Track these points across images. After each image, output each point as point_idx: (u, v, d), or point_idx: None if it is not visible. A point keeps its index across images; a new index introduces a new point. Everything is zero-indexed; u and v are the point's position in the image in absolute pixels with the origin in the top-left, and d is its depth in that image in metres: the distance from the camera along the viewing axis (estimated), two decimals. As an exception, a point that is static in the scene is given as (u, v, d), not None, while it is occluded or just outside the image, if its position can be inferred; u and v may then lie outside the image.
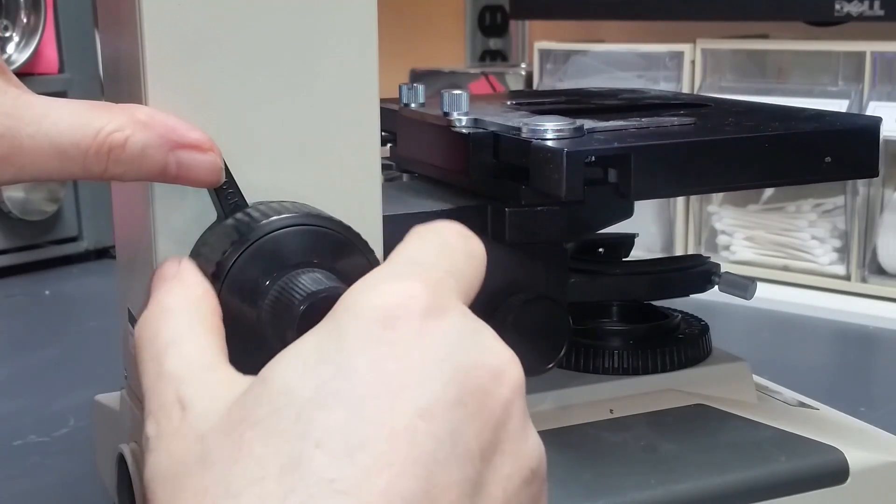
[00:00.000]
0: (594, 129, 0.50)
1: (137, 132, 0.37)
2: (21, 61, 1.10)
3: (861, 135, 0.51)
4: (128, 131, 0.37)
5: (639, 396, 0.53)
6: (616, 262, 0.60)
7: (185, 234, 0.43)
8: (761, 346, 0.91)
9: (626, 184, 0.46)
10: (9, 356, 0.88)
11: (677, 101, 0.64)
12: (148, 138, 0.37)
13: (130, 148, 0.37)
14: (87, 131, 0.36)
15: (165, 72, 0.42)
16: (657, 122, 0.52)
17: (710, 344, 0.57)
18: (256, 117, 0.44)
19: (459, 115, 0.53)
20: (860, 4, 1.02)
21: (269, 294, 0.39)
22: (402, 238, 0.31)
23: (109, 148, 0.37)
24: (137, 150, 0.37)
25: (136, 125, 0.37)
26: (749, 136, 0.49)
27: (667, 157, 0.47)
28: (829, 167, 0.50)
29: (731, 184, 0.51)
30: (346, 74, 0.45)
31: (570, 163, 0.45)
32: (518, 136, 0.49)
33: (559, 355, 0.52)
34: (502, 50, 1.60)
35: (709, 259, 0.58)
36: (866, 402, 0.75)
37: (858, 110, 1.01)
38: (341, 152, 0.45)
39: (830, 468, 0.49)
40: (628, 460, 0.48)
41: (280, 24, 0.43)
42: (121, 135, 0.37)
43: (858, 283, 1.03)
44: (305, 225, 0.41)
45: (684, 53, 1.12)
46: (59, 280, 1.12)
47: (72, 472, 0.65)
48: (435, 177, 0.56)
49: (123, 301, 0.52)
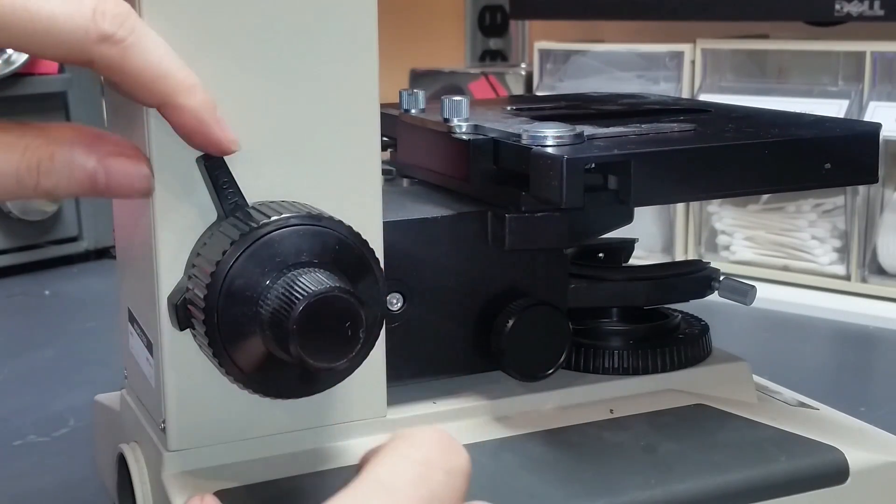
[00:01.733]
0: (594, 136, 0.50)
1: (64, 146, 0.39)
2: (21, 61, 1.10)
3: (860, 141, 0.51)
4: (53, 146, 0.38)
5: (639, 396, 0.53)
6: (616, 267, 0.60)
7: (185, 234, 0.43)
8: (761, 346, 0.91)
9: (626, 190, 0.46)
10: (9, 356, 0.88)
11: (677, 107, 0.64)
12: (75, 150, 0.39)
13: (58, 160, 0.38)
14: (16, 147, 0.38)
15: (165, 72, 0.42)
16: (657, 128, 0.52)
17: (710, 344, 0.58)
18: (256, 118, 0.44)
19: (460, 121, 0.53)
20: (860, 4, 1.02)
21: (270, 294, 0.39)
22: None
23: (38, 160, 0.38)
24: (65, 162, 0.38)
25: (62, 140, 0.39)
26: (749, 143, 0.49)
27: (666, 163, 0.47)
28: (829, 173, 0.50)
29: (730, 190, 0.51)
30: (347, 74, 0.45)
31: (569, 170, 0.45)
32: (518, 143, 0.49)
33: (559, 361, 0.52)
34: (502, 50, 1.60)
35: (708, 264, 0.58)
36: (866, 402, 0.75)
37: (858, 110, 1.01)
38: (341, 152, 0.45)
39: (830, 468, 0.49)
40: (628, 460, 0.48)
41: (280, 24, 0.43)
42: (47, 150, 0.38)
43: (858, 283, 1.03)
44: (305, 225, 0.41)
45: (684, 53, 1.12)
46: (59, 280, 1.12)
47: (72, 472, 0.65)
48: (435, 182, 0.56)
49: (123, 301, 0.52)
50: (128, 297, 0.51)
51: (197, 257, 0.42)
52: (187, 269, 0.43)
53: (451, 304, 0.51)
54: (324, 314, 0.38)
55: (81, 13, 0.37)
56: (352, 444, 0.47)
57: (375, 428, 0.48)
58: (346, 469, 0.45)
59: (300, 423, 0.47)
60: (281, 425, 0.46)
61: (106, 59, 0.38)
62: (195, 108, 0.39)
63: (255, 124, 0.44)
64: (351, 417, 0.48)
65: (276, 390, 0.42)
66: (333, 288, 0.38)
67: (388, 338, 0.48)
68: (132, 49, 0.38)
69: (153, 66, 0.38)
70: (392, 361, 0.48)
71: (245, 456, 0.46)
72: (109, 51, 0.37)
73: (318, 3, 0.44)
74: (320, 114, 0.45)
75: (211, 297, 0.40)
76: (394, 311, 0.50)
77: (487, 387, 0.52)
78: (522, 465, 0.47)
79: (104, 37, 0.37)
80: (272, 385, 0.42)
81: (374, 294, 0.42)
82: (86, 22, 0.37)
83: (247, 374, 0.41)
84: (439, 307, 0.51)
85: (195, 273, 0.41)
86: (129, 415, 0.52)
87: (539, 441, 0.49)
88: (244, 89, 0.43)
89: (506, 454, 0.48)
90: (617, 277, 0.56)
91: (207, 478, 0.45)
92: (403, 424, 0.49)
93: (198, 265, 0.41)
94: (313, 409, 0.47)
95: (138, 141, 0.43)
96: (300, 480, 0.45)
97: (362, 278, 0.41)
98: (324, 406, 0.47)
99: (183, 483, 0.44)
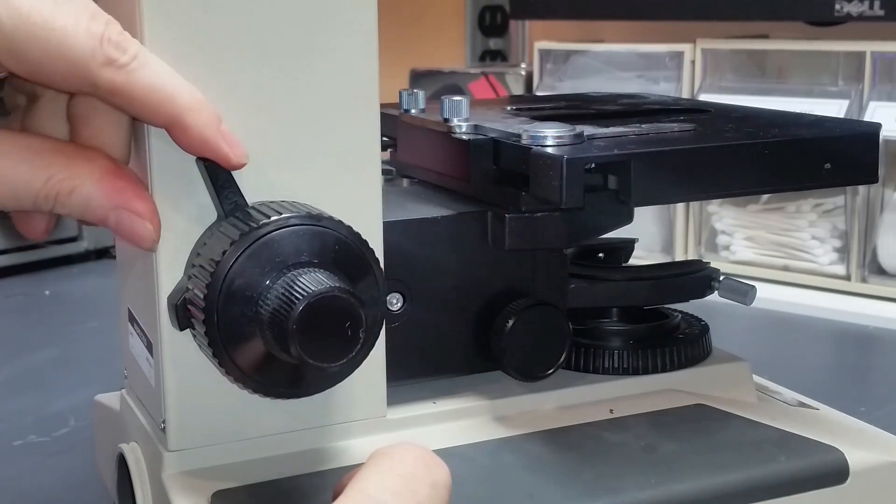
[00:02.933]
0: (594, 136, 0.50)
1: (86, 185, 0.40)
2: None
3: (860, 141, 0.51)
4: (76, 182, 0.40)
5: (639, 396, 0.53)
6: (616, 267, 0.60)
7: (185, 234, 0.43)
8: (761, 346, 0.91)
9: (626, 190, 0.46)
10: (9, 356, 0.88)
11: (677, 107, 0.64)
12: (94, 193, 0.40)
13: (76, 197, 0.40)
14: (40, 175, 0.39)
15: (165, 72, 0.42)
16: (657, 128, 0.52)
17: (710, 344, 0.58)
18: (255, 118, 0.44)
19: (460, 121, 0.53)
20: (860, 4, 1.02)
21: (270, 294, 0.39)
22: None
23: (57, 193, 0.40)
24: (82, 201, 0.40)
25: (87, 178, 0.40)
26: (748, 143, 0.49)
27: (666, 163, 0.47)
28: (829, 174, 0.50)
29: (730, 190, 0.52)
30: (347, 74, 0.45)
31: (569, 170, 0.45)
32: (518, 143, 0.49)
33: (559, 362, 0.52)
34: (502, 50, 1.60)
35: (708, 264, 0.58)
36: (866, 402, 0.75)
37: (858, 110, 1.01)
38: (341, 152, 0.45)
39: (830, 468, 0.49)
40: (628, 460, 0.48)
41: (280, 24, 0.43)
42: (69, 184, 0.40)
43: (858, 283, 1.03)
44: (305, 225, 0.41)
45: (684, 53, 1.12)
46: (59, 280, 1.12)
47: (72, 472, 0.65)
48: (435, 182, 0.56)
49: (123, 301, 0.52)
50: (128, 297, 0.51)
51: (197, 257, 0.42)
52: (187, 269, 0.43)
53: (451, 304, 0.51)
54: (324, 314, 0.38)
55: (90, 35, 0.37)
56: (352, 444, 0.47)
57: (375, 428, 0.48)
58: (346, 469, 0.45)
59: (300, 423, 0.47)
60: (281, 425, 0.46)
61: (110, 83, 0.38)
62: (200, 127, 0.40)
63: (254, 124, 0.44)
64: (351, 417, 0.48)
65: (276, 390, 0.42)
66: (333, 288, 0.38)
67: (388, 338, 0.48)
68: (136, 73, 0.38)
69: (157, 89, 0.39)
70: (392, 361, 0.48)
71: (245, 456, 0.46)
72: (114, 75, 0.38)
73: (319, 3, 0.44)
74: (320, 114, 0.45)
75: (211, 297, 0.40)
76: (394, 311, 0.50)
77: (487, 387, 0.52)
78: (522, 465, 0.47)
79: (109, 61, 0.38)
80: (272, 385, 0.42)
81: (374, 294, 0.42)
82: (92, 46, 0.37)
83: (247, 374, 0.41)
84: (439, 307, 0.51)
85: (195, 273, 0.41)
86: (129, 415, 0.52)
87: (539, 441, 0.49)
88: (244, 89, 0.43)
89: (506, 454, 0.48)
90: (617, 278, 0.56)
91: (207, 478, 0.45)
92: (403, 424, 0.49)
93: (198, 265, 0.41)
94: (313, 409, 0.47)
95: (138, 140, 0.43)
96: (300, 480, 0.45)
97: (362, 278, 0.41)
98: (324, 406, 0.47)
99: (183, 483, 0.44)
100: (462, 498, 0.44)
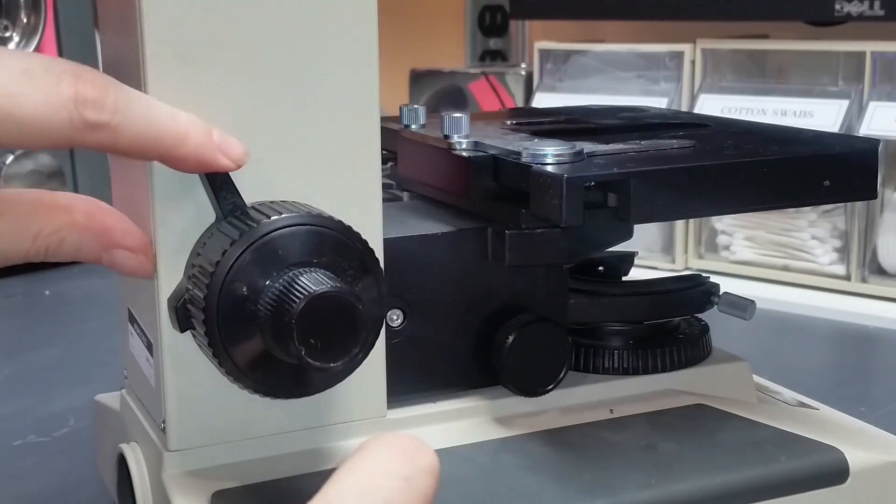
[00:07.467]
0: (594, 153, 0.50)
1: (73, 234, 0.40)
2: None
3: (860, 158, 0.51)
4: (63, 233, 0.40)
5: (639, 396, 0.54)
6: (616, 282, 0.60)
7: (185, 234, 0.43)
8: (761, 346, 0.91)
9: (626, 208, 0.46)
10: (9, 356, 0.88)
11: (677, 121, 0.64)
12: (81, 240, 0.41)
13: (66, 247, 0.40)
14: (27, 235, 0.40)
15: (165, 73, 0.42)
16: (656, 144, 0.52)
17: (710, 344, 0.58)
18: (255, 118, 0.44)
19: (460, 137, 0.53)
20: (860, 4, 1.02)
21: (269, 293, 0.39)
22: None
23: (47, 247, 0.40)
24: (72, 249, 0.41)
25: (73, 227, 0.40)
26: (748, 161, 0.49)
27: (666, 181, 0.47)
28: (828, 191, 0.50)
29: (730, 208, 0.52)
30: (347, 74, 0.45)
31: (569, 189, 0.45)
32: (518, 161, 0.49)
33: (559, 377, 0.52)
34: (502, 50, 1.60)
35: (708, 279, 0.58)
36: (866, 402, 0.75)
37: (858, 110, 1.01)
38: (341, 152, 0.45)
39: (830, 468, 0.49)
40: (628, 460, 0.48)
41: (280, 24, 0.43)
42: (56, 237, 0.40)
43: (858, 283, 1.03)
44: (305, 224, 0.41)
45: (684, 53, 1.12)
46: (59, 280, 1.12)
47: (72, 472, 0.65)
48: (435, 198, 0.56)
49: (123, 301, 0.52)
50: (128, 297, 0.51)
51: (197, 257, 0.42)
52: (187, 270, 0.43)
53: (452, 319, 0.51)
54: (324, 313, 0.38)
55: (63, 104, 0.36)
56: (352, 444, 0.47)
57: (375, 428, 0.48)
58: (346, 469, 0.45)
59: (300, 423, 0.47)
60: (281, 425, 0.46)
61: (95, 143, 0.37)
62: (194, 153, 0.40)
63: (254, 124, 0.44)
64: (351, 417, 0.48)
65: (276, 390, 0.42)
66: (333, 287, 0.38)
67: (389, 354, 0.48)
68: (119, 129, 0.37)
69: (143, 135, 0.38)
70: (392, 378, 0.48)
71: (245, 456, 0.46)
72: (97, 136, 0.37)
73: (319, 4, 0.44)
74: (320, 113, 0.45)
75: (211, 296, 0.40)
76: (394, 327, 0.50)
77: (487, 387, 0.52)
78: (522, 465, 0.47)
79: (89, 126, 0.37)
80: (272, 385, 0.42)
81: (374, 294, 0.42)
82: (69, 114, 0.36)
83: (246, 373, 0.41)
84: (439, 323, 0.51)
85: (195, 273, 0.41)
86: (129, 415, 0.52)
87: (539, 441, 0.49)
88: (244, 90, 0.43)
89: (506, 454, 0.48)
90: (617, 292, 0.56)
91: (207, 478, 0.45)
92: (403, 424, 0.49)
93: (197, 265, 0.41)
94: (313, 409, 0.47)
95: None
96: (300, 480, 0.45)
97: (362, 278, 0.41)
98: (324, 406, 0.47)
99: (183, 483, 0.44)
100: (462, 498, 0.44)
